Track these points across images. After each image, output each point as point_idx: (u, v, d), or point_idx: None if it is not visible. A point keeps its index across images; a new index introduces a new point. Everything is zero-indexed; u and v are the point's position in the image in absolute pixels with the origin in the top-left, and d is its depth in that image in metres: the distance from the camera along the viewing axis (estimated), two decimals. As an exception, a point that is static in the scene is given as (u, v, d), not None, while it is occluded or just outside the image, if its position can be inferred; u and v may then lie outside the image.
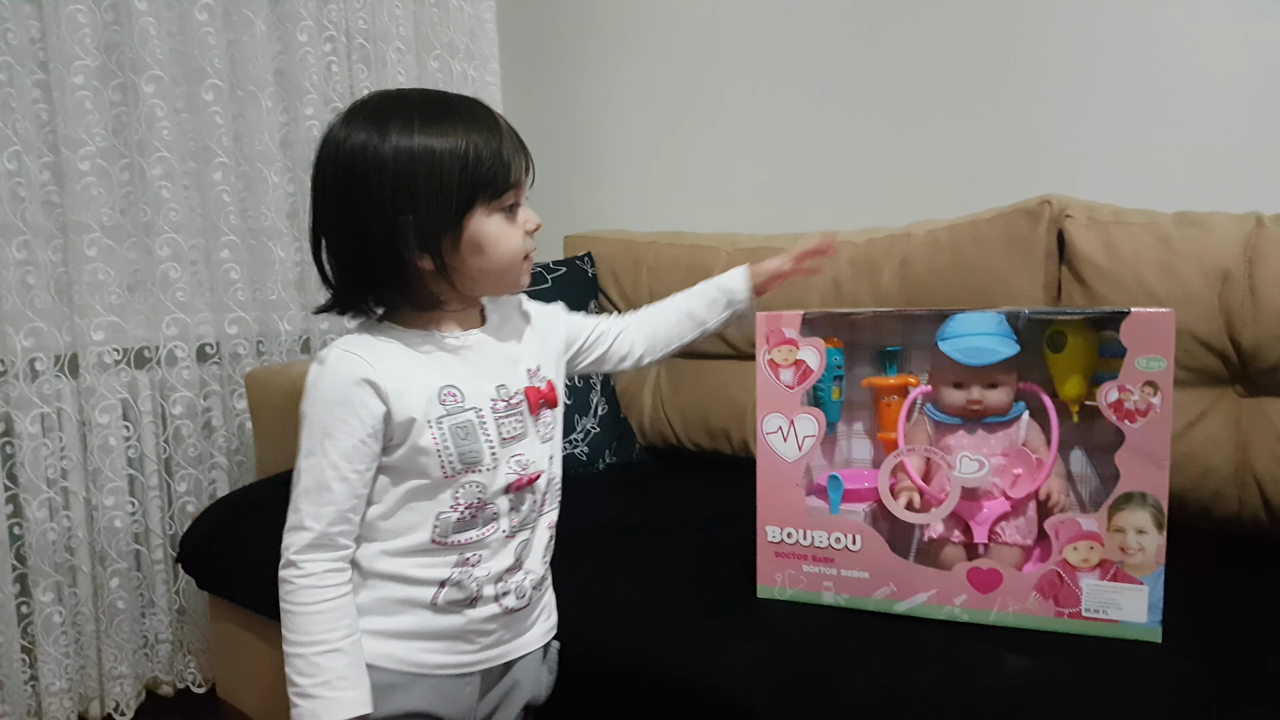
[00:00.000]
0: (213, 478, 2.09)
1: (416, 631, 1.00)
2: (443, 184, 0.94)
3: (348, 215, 0.96)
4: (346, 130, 0.96)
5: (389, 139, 0.94)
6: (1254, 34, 1.63)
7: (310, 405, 0.97)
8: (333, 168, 0.97)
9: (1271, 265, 1.40)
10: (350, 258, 0.98)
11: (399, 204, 0.93)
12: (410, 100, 0.98)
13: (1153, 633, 1.07)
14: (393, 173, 0.93)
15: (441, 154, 0.94)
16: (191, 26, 1.98)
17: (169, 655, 2.04)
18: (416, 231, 0.94)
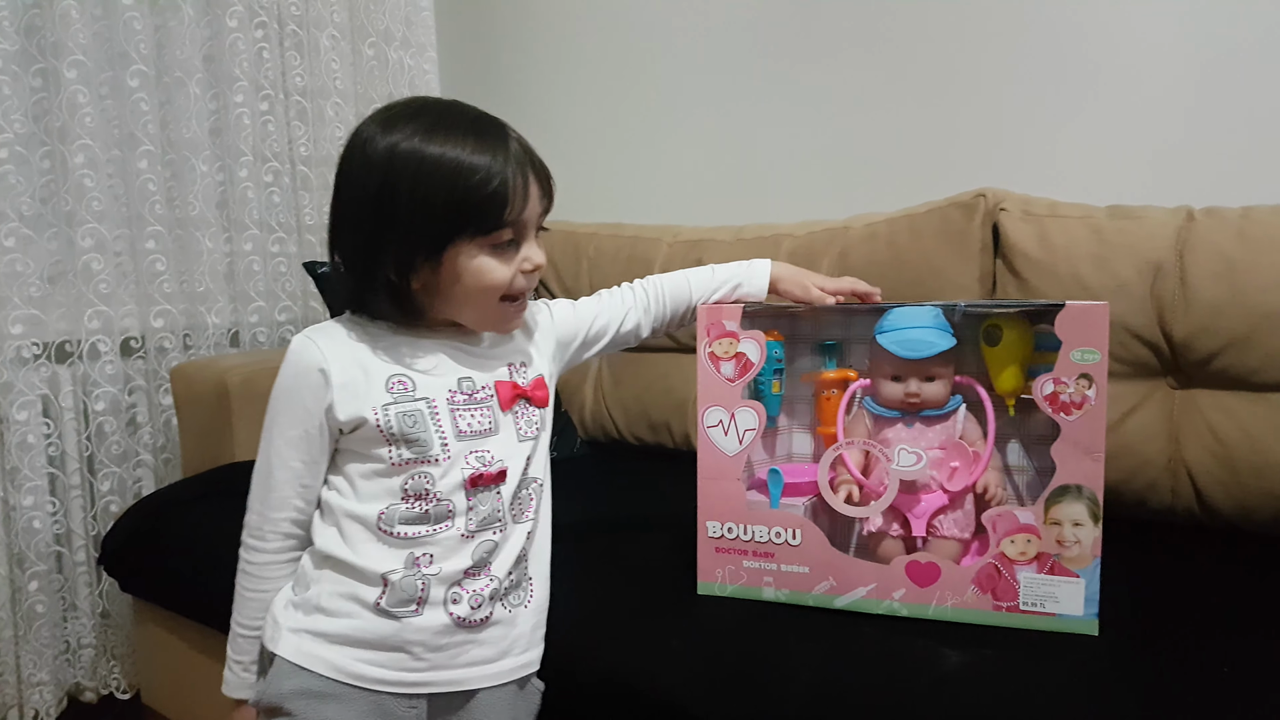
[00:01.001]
0: (138, 476, 2.02)
1: (357, 637, 0.95)
2: (427, 203, 0.92)
3: (344, 212, 0.98)
4: (363, 125, 0.97)
5: (388, 140, 0.93)
6: (1187, 32, 1.65)
7: (273, 390, 0.99)
8: (342, 160, 0.98)
9: (1202, 258, 1.42)
10: (343, 258, 0.99)
11: (380, 213, 0.93)
12: (429, 113, 0.96)
13: (1089, 625, 1.08)
14: (380, 178, 0.93)
15: (430, 172, 0.92)
16: (116, 10, 1.92)
17: (92, 660, 1.98)
18: (393, 247, 0.93)
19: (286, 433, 0.97)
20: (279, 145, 2.23)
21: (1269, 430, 1.38)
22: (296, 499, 0.99)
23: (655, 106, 2.30)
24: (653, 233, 2.06)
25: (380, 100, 2.41)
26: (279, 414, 0.98)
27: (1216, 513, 1.43)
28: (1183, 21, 1.65)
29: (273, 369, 1.86)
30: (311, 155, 2.28)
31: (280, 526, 1.01)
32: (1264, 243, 1.39)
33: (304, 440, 0.97)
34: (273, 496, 0.99)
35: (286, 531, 1.01)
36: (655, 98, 2.29)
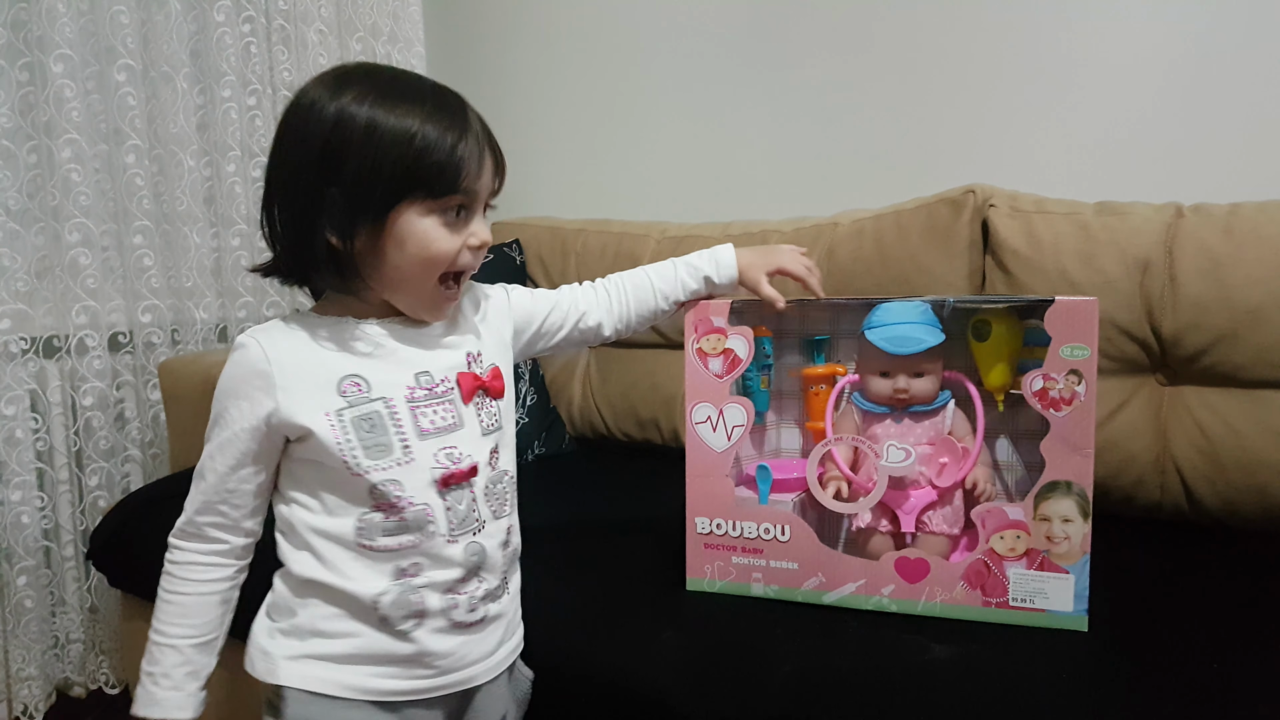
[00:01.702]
0: (126, 471, 2.01)
1: (365, 654, 0.92)
2: (376, 163, 0.86)
3: (282, 174, 0.90)
4: (309, 87, 0.90)
5: (337, 101, 0.87)
6: (1175, 28, 1.66)
7: (216, 390, 0.93)
8: (283, 121, 0.91)
9: (1190, 255, 1.42)
10: (279, 222, 0.92)
11: (325, 172, 0.86)
12: (382, 75, 0.92)
13: (1079, 621, 1.08)
14: (327, 137, 0.86)
15: (384, 131, 0.86)
16: (102, 5, 1.90)
17: (80, 655, 1.97)
18: (336, 207, 0.87)
19: (221, 434, 0.92)
20: (266, 140, 2.21)
21: (1255, 427, 1.39)
22: (222, 504, 0.94)
23: (643, 102, 2.29)
24: (640, 229, 2.06)
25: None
26: (219, 415, 0.92)
27: (1204, 509, 1.43)
28: (1171, 17, 1.66)
29: (261, 364, 1.88)
30: (300, 150, 2.27)
31: (204, 531, 0.95)
32: (1251, 239, 1.40)
33: (233, 444, 0.91)
34: (200, 499, 0.94)
35: (209, 536, 0.96)
36: (643, 93, 2.29)
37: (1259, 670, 0.99)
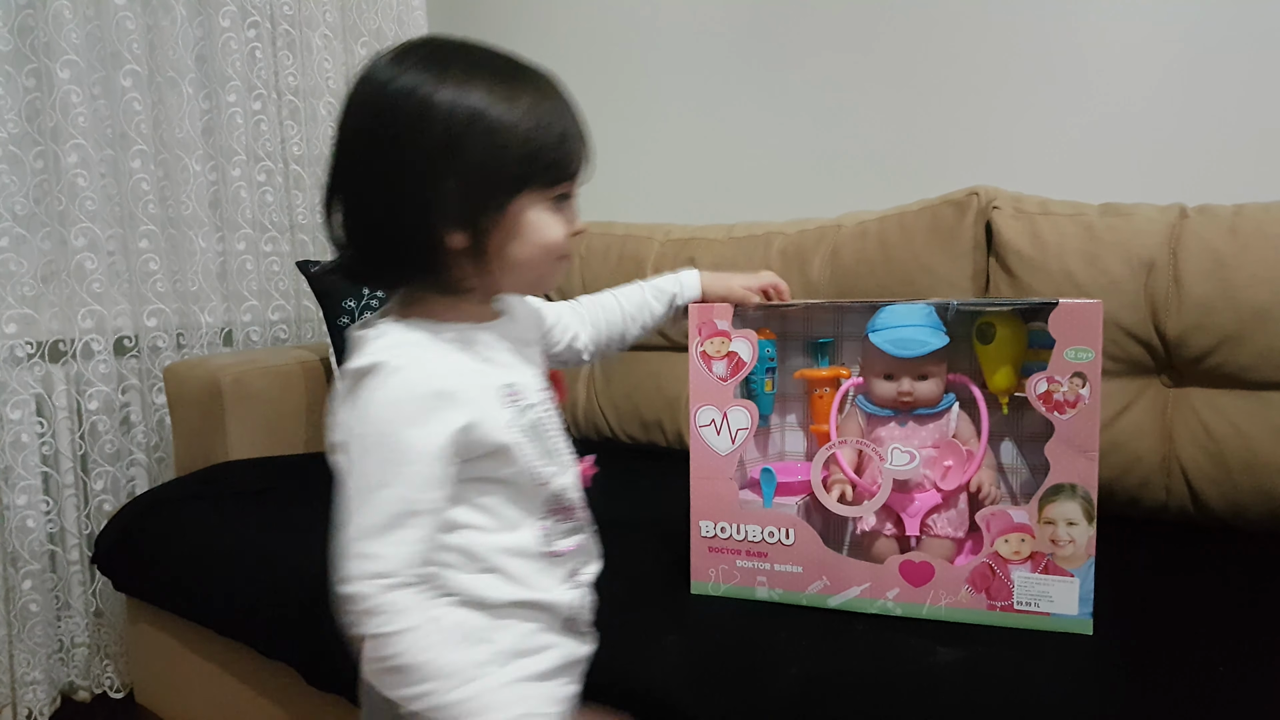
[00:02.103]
0: (131, 475, 2.02)
1: (560, 665, 0.90)
2: (497, 154, 0.80)
3: (380, 168, 0.81)
4: (395, 70, 0.81)
5: (446, 88, 0.79)
6: (1179, 29, 1.65)
7: (374, 425, 0.80)
8: (372, 109, 0.81)
9: (1195, 256, 1.42)
10: (373, 219, 0.83)
11: (443, 166, 0.79)
12: (476, 54, 0.85)
13: (1084, 625, 1.08)
14: (444, 128, 0.78)
15: (503, 121, 0.80)
16: (108, 10, 1.91)
17: (85, 659, 1.98)
18: (457, 201, 0.79)
19: (410, 469, 0.79)
20: (272, 145, 2.22)
21: (1261, 428, 1.38)
22: (433, 547, 0.83)
23: (646, 105, 2.30)
24: (644, 231, 2.06)
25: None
26: (396, 451, 0.79)
27: (1210, 511, 1.43)
28: (1175, 19, 1.66)
29: (265, 368, 1.90)
30: (304, 155, 2.28)
31: (422, 575, 0.81)
32: (1256, 239, 1.39)
33: (433, 473, 0.80)
34: (416, 550, 0.80)
35: (425, 577, 0.82)
36: (646, 96, 2.29)
37: (1265, 673, 0.98)
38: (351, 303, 1.78)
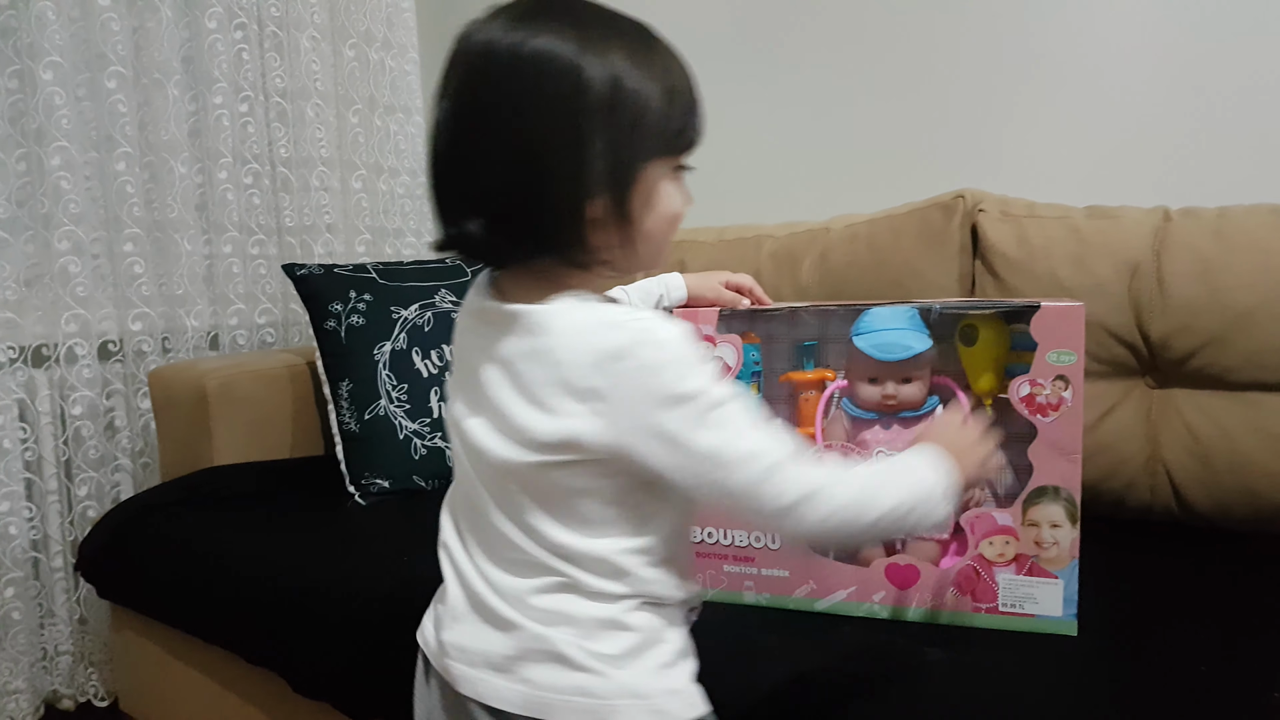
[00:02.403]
0: (115, 480, 2.01)
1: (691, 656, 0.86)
2: (639, 118, 0.76)
3: (522, 134, 0.75)
4: (525, 31, 0.75)
5: (589, 49, 0.75)
6: (1165, 32, 1.66)
7: (696, 364, 0.75)
8: (506, 73, 0.75)
9: (1178, 258, 1.42)
10: (512, 187, 0.76)
11: (589, 130, 0.74)
12: (604, 14, 0.80)
13: (1069, 626, 1.08)
14: (591, 90, 0.74)
15: (643, 84, 0.76)
16: (93, 11, 1.90)
17: (69, 668, 1.96)
18: (603, 167, 0.75)
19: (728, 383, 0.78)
20: (259, 147, 2.21)
21: (1245, 429, 1.39)
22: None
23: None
24: (634, 234, 2.05)
25: (362, 103, 2.40)
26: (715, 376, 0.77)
27: (1194, 511, 1.43)
28: (1160, 22, 1.66)
29: (251, 371, 1.89)
30: (292, 157, 2.27)
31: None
32: (1239, 242, 1.40)
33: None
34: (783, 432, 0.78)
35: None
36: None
37: (1249, 673, 0.99)
38: (338, 306, 1.77)
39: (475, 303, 0.85)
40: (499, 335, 0.80)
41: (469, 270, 1.98)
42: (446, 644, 0.83)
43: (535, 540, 0.80)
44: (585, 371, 0.75)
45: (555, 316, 0.78)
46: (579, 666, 0.77)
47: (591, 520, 0.79)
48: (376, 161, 2.47)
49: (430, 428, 1.77)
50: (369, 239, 2.46)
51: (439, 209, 0.81)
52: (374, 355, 1.77)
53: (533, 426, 0.77)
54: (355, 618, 1.30)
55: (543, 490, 0.79)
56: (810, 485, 0.76)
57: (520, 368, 0.78)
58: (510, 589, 0.80)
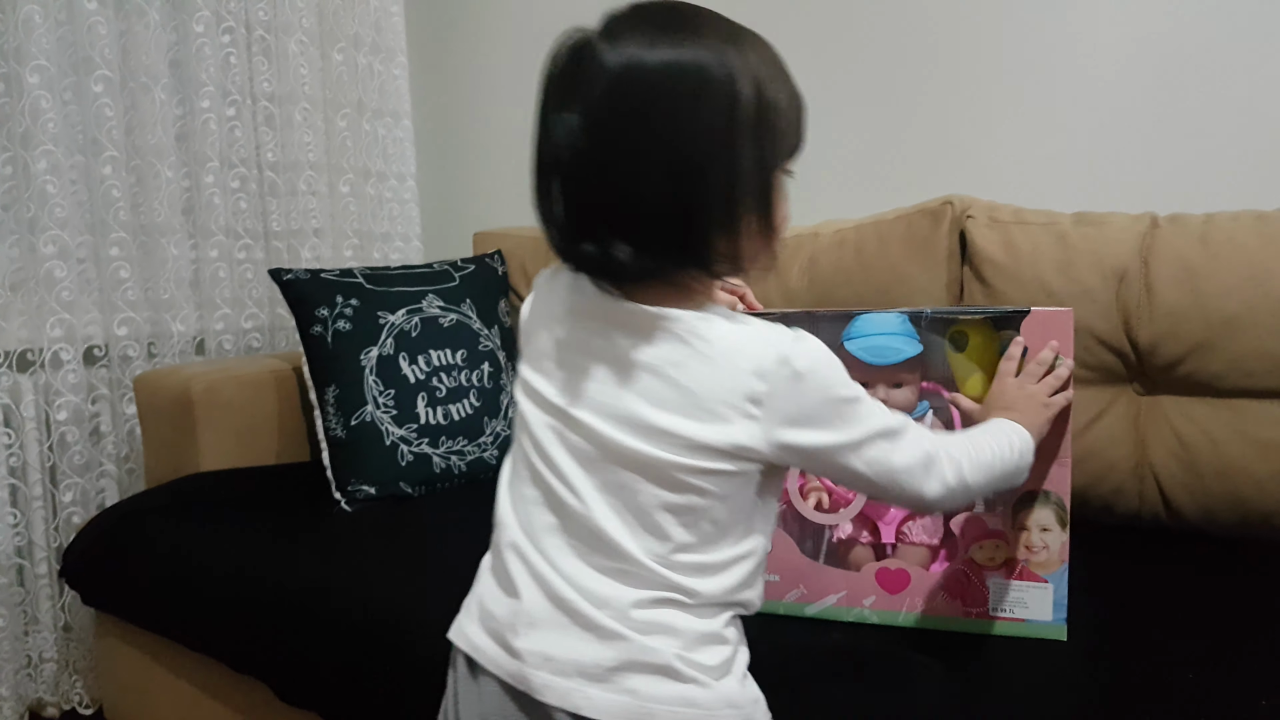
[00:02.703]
0: (101, 486, 1.99)
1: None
2: (777, 126, 0.80)
3: (675, 151, 0.75)
4: (672, 48, 0.76)
5: (732, 61, 0.76)
6: (1152, 40, 1.67)
7: (840, 370, 0.81)
8: (660, 90, 0.75)
9: (1166, 264, 1.43)
10: (669, 203, 0.76)
11: (743, 141, 0.76)
12: (736, 25, 0.82)
13: (1058, 630, 1.08)
14: (746, 104, 0.76)
15: (779, 92, 0.80)
16: (80, 16, 1.89)
17: (54, 675, 1.95)
18: (755, 176, 0.78)
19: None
20: (246, 151, 2.20)
21: (1231, 435, 1.40)
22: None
23: (625, 113, 2.29)
24: (623, 240, 2.05)
25: (350, 107, 2.40)
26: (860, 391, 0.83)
27: (1182, 516, 1.44)
28: (1148, 29, 1.67)
29: (237, 377, 1.88)
30: (279, 161, 2.26)
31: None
32: (1225, 248, 1.40)
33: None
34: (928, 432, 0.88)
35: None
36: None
37: (1236, 679, 0.99)
38: (324, 311, 1.76)
39: (594, 305, 0.83)
40: (636, 338, 0.81)
41: (455, 275, 1.98)
42: (525, 651, 0.81)
43: (648, 549, 0.80)
44: (749, 380, 0.77)
45: (712, 326, 0.80)
46: (684, 678, 0.78)
47: (723, 524, 0.81)
48: (365, 166, 2.47)
49: (417, 434, 1.76)
50: (356, 243, 2.46)
51: (569, 226, 0.79)
52: (360, 361, 1.76)
53: (690, 432, 0.78)
54: (341, 625, 1.29)
55: (677, 495, 0.79)
56: (947, 453, 0.86)
57: (673, 374, 0.79)
58: (609, 598, 0.79)
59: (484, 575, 0.90)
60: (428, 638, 1.18)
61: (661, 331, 0.80)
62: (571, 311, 0.86)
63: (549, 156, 0.80)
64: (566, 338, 0.86)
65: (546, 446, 0.84)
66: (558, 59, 0.82)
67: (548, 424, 0.85)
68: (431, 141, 2.64)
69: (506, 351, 1.98)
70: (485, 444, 1.84)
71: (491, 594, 0.87)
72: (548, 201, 0.80)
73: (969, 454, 0.88)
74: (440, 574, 1.31)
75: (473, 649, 0.86)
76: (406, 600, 1.28)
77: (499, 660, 0.83)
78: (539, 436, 0.85)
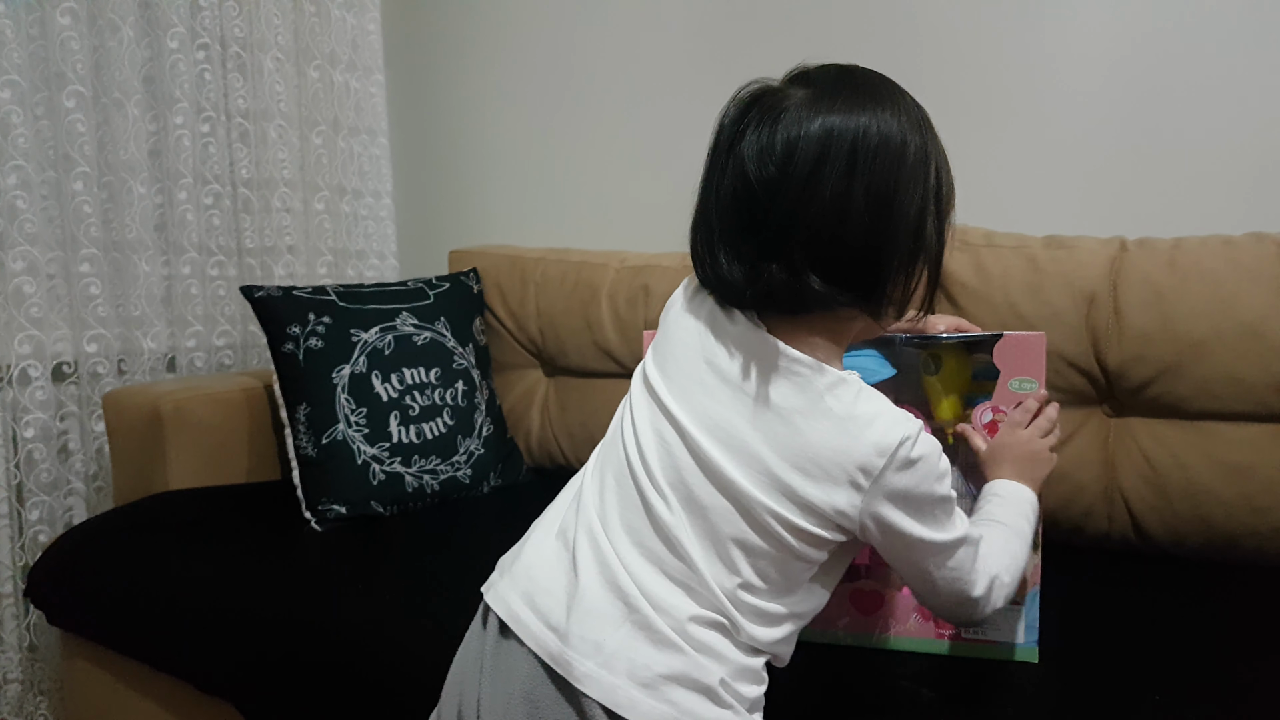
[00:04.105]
0: (69, 505, 1.97)
1: None
2: (948, 186, 0.92)
3: (872, 207, 0.82)
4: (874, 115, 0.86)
5: (913, 128, 0.88)
6: (1121, 66, 1.69)
7: (945, 472, 0.87)
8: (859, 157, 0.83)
9: (1135, 288, 1.45)
10: (857, 245, 0.82)
11: (925, 199, 0.87)
12: (900, 90, 0.96)
13: (1030, 653, 1.09)
14: (930, 169, 0.88)
15: (943, 157, 0.93)
16: (52, 31, 1.88)
17: (18, 696, 1.91)
18: (933, 231, 0.88)
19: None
20: (220, 168, 2.19)
21: (1199, 458, 1.41)
22: None
23: (603, 130, 2.30)
24: (599, 258, 2.06)
25: (325, 124, 2.39)
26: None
27: (1151, 539, 1.45)
28: (1118, 52, 1.69)
29: (207, 395, 1.87)
30: (254, 178, 2.25)
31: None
32: (1193, 272, 1.42)
33: None
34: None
35: None
36: (603, 122, 2.30)
37: (1203, 701, 1.00)
38: (296, 328, 1.75)
39: (743, 333, 0.87)
40: (773, 376, 0.84)
41: (430, 293, 1.97)
42: (574, 636, 0.81)
43: (715, 576, 0.82)
44: (869, 453, 0.81)
45: (849, 390, 0.84)
46: (723, 703, 0.80)
47: (787, 578, 0.85)
48: (340, 183, 2.46)
49: (389, 452, 1.75)
50: (331, 261, 2.45)
51: (748, 248, 0.84)
52: (332, 379, 1.75)
53: (796, 484, 0.82)
54: (310, 645, 1.28)
55: (758, 537, 0.83)
56: (998, 580, 0.90)
57: (799, 423, 0.83)
58: (671, 606, 0.81)
59: (540, 547, 0.91)
60: (398, 659, 1.18)
61: (801, 379, 0.84)
62: (714, 328, 0.89)
63: (738, 186, 0.86)
64: (701, 350, 0.89)
65: (646, 448, 0.87)
66: (752, 98, 0.93)
67: (655, 426, 0.88)
68: (408, 159, 2.64)
69: (481, 370, 1.97)
70: (458, 463, 1.83)
71: (547, 569, 0.87)
72: (721, 226, 0.87)
73: (1011, 570, 0.93)
74: (411, 595, 1.31)
75: (513, 619, 0.86)
76: (376, 621, 1.27)
77: (541, 638, 0.83)
78: (642, 435, 0.88)
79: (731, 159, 0.87)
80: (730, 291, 0.86)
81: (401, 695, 1.16)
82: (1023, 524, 0.97)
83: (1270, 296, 1.37)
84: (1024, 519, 0.98)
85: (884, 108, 0.86)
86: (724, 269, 0.85)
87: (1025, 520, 0.98)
